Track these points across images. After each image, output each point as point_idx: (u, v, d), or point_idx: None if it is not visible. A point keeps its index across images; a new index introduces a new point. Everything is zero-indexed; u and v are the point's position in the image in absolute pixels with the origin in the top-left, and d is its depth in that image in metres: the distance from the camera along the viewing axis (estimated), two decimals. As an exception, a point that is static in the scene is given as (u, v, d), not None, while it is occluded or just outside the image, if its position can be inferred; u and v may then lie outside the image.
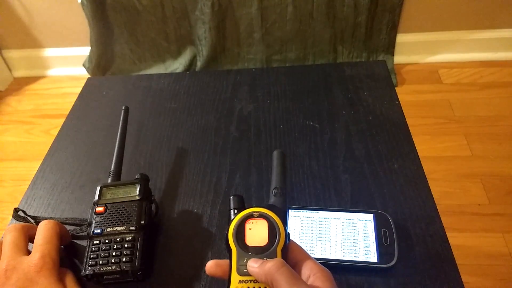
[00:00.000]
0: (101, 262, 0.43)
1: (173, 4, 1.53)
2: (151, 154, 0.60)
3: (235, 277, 0.32)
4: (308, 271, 0.32)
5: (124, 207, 0.46)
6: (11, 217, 0.51)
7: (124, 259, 0.43)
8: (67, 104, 0.73)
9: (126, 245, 0.43)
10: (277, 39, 1.59)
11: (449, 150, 1.35)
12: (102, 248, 0.43)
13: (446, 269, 0.42)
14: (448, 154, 1.34)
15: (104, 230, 0.45)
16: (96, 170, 0.58)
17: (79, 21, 1.65)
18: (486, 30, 1.61)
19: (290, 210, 0.47)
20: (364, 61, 1.60)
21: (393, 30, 1.57)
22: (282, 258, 0.33)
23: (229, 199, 0.37)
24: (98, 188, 0.48)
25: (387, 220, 0.45)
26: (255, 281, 0.32)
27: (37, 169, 0.59)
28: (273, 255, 0.33)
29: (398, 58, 1.69)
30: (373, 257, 0.43)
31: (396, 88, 0.95)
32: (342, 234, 0.45)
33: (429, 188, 0.50)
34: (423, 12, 1.56)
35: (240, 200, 0.37)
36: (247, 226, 0.35)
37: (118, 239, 0.44)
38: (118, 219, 0.45)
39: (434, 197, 0.49)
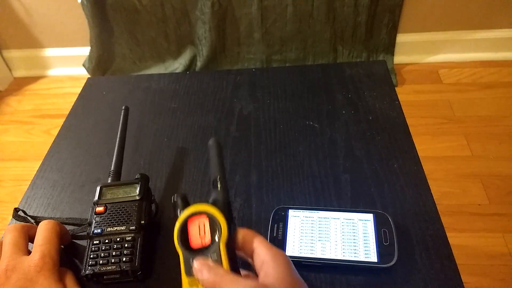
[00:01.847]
0: (101, 262, 0.43)
1: (173, 4, 1.53)
2: (151, 154, 0.59)
3: (185, 281, 0.32)
4: (260, 260, 0.32)
5: (124, 207, 0.46)
6: (11, 217, 0.51)
7: (124, 259, 0.43)
8: (67, 104, 0.73)
9: (126, 245, 0.43)
10: (277, 39, 1.59)
11: (449, 150, 1.35)
12: (102, 248, 0.43)
13: (446, 269, 0.42)
14: (448, 154, 1.34)
15: (104, 230, 0.45)
16: (96, 170, 0.58)
17: (79, 21, 1.65)
18: (486, 30, 1.61)
19: (290, 210, 0.48)
20: (364, 61, 1.60)
21: (393, 30, 1.57)
22: (229, 251, 0.33)
23: (173, 202, 0.36)
24: (98, 188, 0.48)
25: (387, 220, 0.45)
26: None
27: (37, 169, 0.59)
28: (216, 251, 0.32)
29: (398, 58, 1.69)
30: (373, 257, 0.43)
31: (396, 88, 0.95)
32: (342, 234, 0.45)
33: (429, 188, 0.50)
34: (423, 12, 1.56)
35: (183, 199, 0.36)
36: (190, 226, 0.34)
37: (118, 239, 0.44)
38: (118, 219, 0.45)
39: (434, 197, 0.49)
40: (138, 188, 0.48)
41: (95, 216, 0.46)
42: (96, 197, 0.48)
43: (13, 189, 1.45)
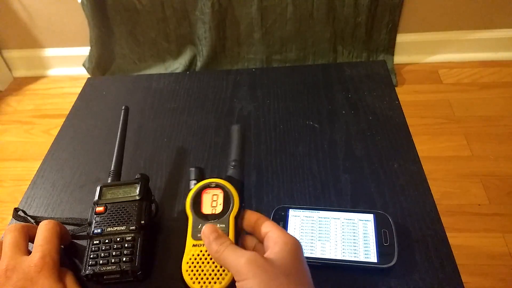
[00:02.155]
0: (101, 262, 0.43)
1: (173, 4, 1.53)
2: (151, 154, 0.59)
3: (189, 241, 0.36)
4: (273, 241, 0.34)
5: (124, 207, 0.46)
6: (11, 217, 0.51)
7: (124, 259, 0.43)
8: (67, 104, 0.73)
9: (126, 245, 0.43)
10: (277, 39, 1.59)
11: (449, 150, 1.35)
12: (102, 248, 0.43)
13: (446, 269, 0.42)
14: (448, 154, 1.34)
15: (104, 230, 0.45)
16: (96, 170, 0.58)
17: (79, 21, 1.65)
18: (486, 30, 1.61)
19: (290, 210, 0.48)
20: (364, 61, 1.60)
21: (393, 30, 1.57)
22: (235, 225, 0.36)
23: (189, 170, 0.40)
24: (98, 188, 0.48)
25: (387, 220, 0.45)
26: None
27: (37, 169, 0.59)
28: (226, 222, 0.36)
29: (398, 58, 1.69)
30: (373, 257, 0.43)
31: (396, 88, 0.95)
32: (342, 234, 0.45)
33: (429, 188, 0.50)
34: (423, 12, 1.56)
35: (200, 172, 0.40)
36: (204, 195, 0.38)
37: (118, 239, 0.44)
38: (118, 219, 0.45)
39: (434, 197, 0.49)
40: (138, 188, 0.48)
41: (95, 216, 0.46)
42: (96, 197, 0.47)
43: (13, 189, 1.45)
